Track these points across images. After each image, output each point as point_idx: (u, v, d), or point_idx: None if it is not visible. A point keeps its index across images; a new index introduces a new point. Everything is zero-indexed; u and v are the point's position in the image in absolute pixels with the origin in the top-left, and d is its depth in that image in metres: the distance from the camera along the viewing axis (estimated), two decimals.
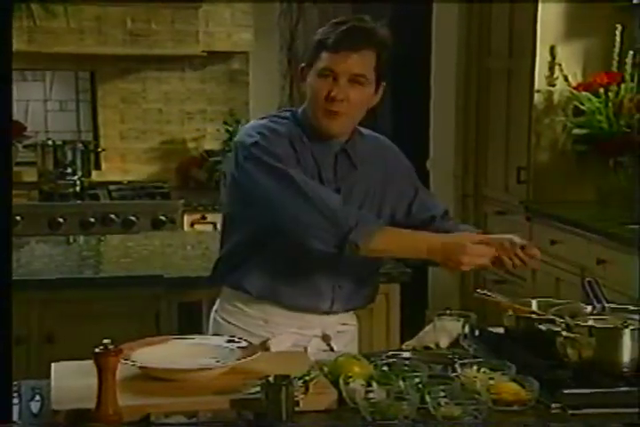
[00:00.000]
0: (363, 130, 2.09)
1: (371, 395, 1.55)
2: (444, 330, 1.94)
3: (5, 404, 1.42)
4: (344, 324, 2.11)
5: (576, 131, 3.77)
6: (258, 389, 1.55)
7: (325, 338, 2.07)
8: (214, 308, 2.13)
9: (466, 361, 1.72)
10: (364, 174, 2.03)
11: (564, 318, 1.71)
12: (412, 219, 2.08)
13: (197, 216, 4.29)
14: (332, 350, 2.06)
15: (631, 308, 1.80)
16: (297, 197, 1.87)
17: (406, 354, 1.84)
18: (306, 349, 2.02)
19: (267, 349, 1.99)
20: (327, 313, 2.04)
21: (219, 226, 2.61)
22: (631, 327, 1.67)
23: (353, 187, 2.01)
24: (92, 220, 4.17)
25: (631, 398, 1.60)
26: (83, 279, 2.73)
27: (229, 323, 2.07)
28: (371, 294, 2.12)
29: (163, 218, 4.24)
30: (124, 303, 2.70)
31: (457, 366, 1.70)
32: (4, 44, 1.37)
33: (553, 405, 1.60)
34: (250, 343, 1.83)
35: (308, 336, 2.05)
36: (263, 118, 2.03)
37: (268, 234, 1.95)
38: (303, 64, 1.98)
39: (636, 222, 3.21)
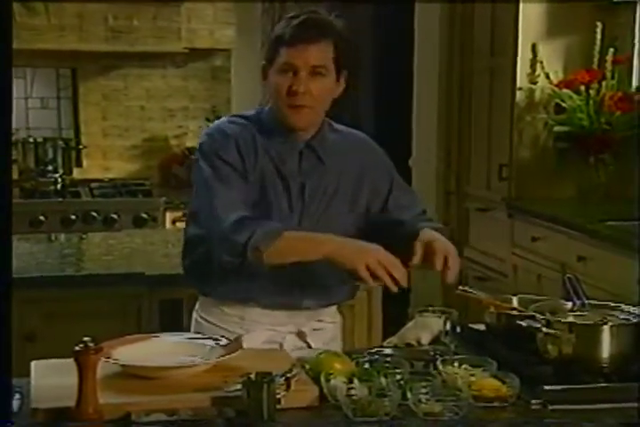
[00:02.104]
0: (338, 126, 2.08)
1: (352, 392, 1.55)
2: (425, 327, 1.95)
3: (5, 403, 1.42)
4: (320, 320, 2.09)
5: (557, 128, 3.79)
6: (239, 386, 1.55)
7: (300, 335, 2.05)
8: (195, 307, 2.13)
9: (447, 358, 1.73)
10: (335, 170, 2.01)
11: (544, 315, 1.72)
12: (387, 216, 2.06)
13: (179, 214, 4.29)
14: (309, 347, 2.04)
15: (611, 304, 1.81)
16: (210, 210, 1.91)
17: (388, 351, 1.84)
18: (281, 345, 2.02)
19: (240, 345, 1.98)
20: (300, 309, 2.02)
21: None
22: (610, 324, 1.68)
23: (321, 182, 2.00)
24: (74, 217, 4.15)
25: (610, 393, 1.62)
26: (64, 277, 2.72)
27: (208, 322, 2.06)
28: (347, 291, 2.10)
29: (144, 216, 4.23)
30: (105, 301, 2.69)
31: (438, 362, 1.70)
32: (4, 43, 1.36)
33: (533, 401, 1.60)
34: (231, 341, 1.83)
35: (282, 333, 2.03)
36: (228, 116, 2.05)
37: None
38: (264, 62, 1.98)
39: (629, 219, 3.22)
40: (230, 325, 2.03)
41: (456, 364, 1.69)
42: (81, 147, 4.74)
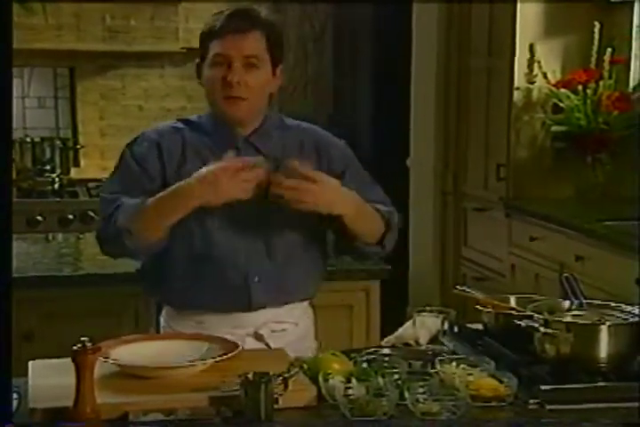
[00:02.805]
0: (292, 121, 2.07)
1: (350, 391, 1.55)
2: (423, 326, 1.94)
3: (4, 404, 1.42)
4: (279, 322, 2.03)
5: (555, 128, 3.79)
6: (237, 386, 1.54)
7: (258, 337, 2.01)
8: (162, 313, 2.10)
9: (445, 357, 1.73)
10: (282, 164, 1.96)
11: (542, 314, 1.72)
12: None
13: None
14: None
15: (609, 304, 1.81)
16: (107, 215, 1.91)
17: (386, 350, 1.84)
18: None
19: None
20: (253, 310, 1.99)
21: None
22: (608, 323, 1.68)
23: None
24: (71, 217, 4.15)
25: (608, 393, 1.62)
26: (61, 277, 2.71)
27: (172, 328, 2.04)
28: (302, 289, 2.04)
29: None
30: (102, 301, 2.68)
31: (436, 362, 1.70)
32: (4, 43, 1.36)
33: (531, 400, 1.60)
34: (228, 341, 1.82)
35: (241, 336, 1.98)
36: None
37: None
38: (197, 60, 1.98)
39: (626, 219, 3.21)
40: (190, 330, 1.98)
41: (454, 363, 1.69)
42: (78, 146, 4.74)
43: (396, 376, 1.63)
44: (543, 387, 1.61)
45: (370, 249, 2.02)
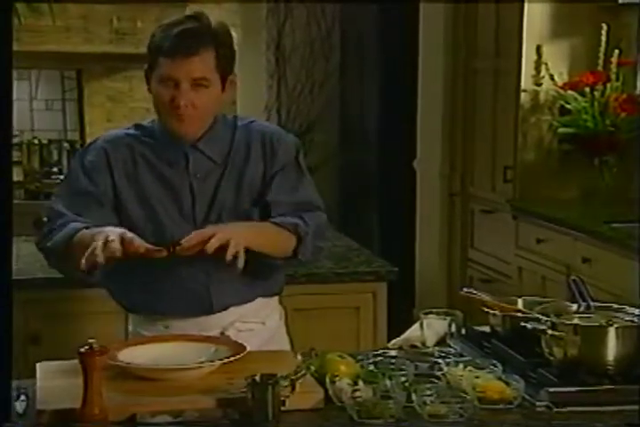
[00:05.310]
0: (243, 120, 2.05)
1: (357, 394, 1.55)
2: (430, 328, 1.94)
3: (5, 404, 1.42)
4: (246, 322, 2.03)
5: (562, 130, 3.79)
6: (244, 388, 1.55)
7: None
8: (128, 321, 2.10)
9: (452, 360, 1.73)
10: (232, 168, 1.97)
11: (549, 317, 1.72)
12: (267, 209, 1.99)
13: None
14: None
15: (616, 306, 1.81)
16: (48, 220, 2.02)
17: (393, 353, 1.84)
18: None
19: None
20: (216, 312, 1.98)
21: None
22: (616, 326, 1.68)
23: (213, 181, 1.96)
24: None
25: (616, 396, 1.61)
26: (67, 278, 2.71)
27: (139, 333, 2.02)
28: (263, 284, 2.02)
29: None
30: (109, 302, 2.68)
31: (443, 364, 1.70)
32: (4, 44, 1.36)
33: (538, 403, 1.60)
34: (235, 342, 1.83)
35: None
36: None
37: None
38: (146, 66, 1.96)
39: (633, 221, 3.21)
40: (157, 333, 1.97)
41: (461, 366, 1.69)
42: None
43: (403, 378, 1.63)
44: (550, 389, 1.61)
45: (285, 262, 1.99)
